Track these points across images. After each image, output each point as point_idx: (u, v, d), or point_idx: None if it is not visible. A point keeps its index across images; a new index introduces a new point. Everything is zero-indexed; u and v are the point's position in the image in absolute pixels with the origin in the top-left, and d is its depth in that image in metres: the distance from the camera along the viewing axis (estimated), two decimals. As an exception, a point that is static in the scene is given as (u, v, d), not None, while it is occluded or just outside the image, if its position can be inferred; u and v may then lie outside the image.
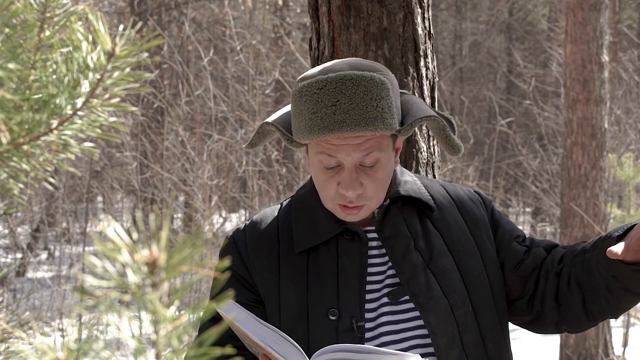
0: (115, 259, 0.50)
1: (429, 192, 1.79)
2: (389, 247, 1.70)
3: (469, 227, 1.78)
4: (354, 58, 1.72)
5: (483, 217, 1.81)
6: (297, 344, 1.51)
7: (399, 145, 1.74)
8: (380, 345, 1.63)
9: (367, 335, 1.64)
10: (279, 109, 1.82)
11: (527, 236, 1.85)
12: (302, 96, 1.63)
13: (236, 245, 1.76)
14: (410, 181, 1.79)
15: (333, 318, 1.64)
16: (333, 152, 1.63)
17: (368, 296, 1.68)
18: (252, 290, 1.73)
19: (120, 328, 0.50)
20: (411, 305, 1.67)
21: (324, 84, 1.60)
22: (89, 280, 0.51)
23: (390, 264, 1.71)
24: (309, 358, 1.52)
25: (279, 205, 1.82)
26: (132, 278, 0.49)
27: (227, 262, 1.60)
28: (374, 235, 1.74)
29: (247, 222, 1.80)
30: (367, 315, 1.66)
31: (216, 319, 1.70)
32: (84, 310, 0.50)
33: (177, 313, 0.53)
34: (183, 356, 0.53)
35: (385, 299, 1.67)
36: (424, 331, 1.66)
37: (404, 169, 1.85)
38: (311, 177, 1.79)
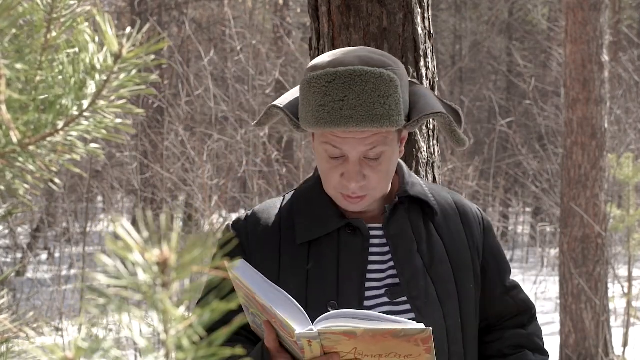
0: (126, 258, 0.50)
1: (434, 197, 1.79)
2: (394, 245, 1.71)
3: (467, 239, 1.79)
4: (366, 49, 1.72)
5: (480, 236, 1.81)
6: (303, 310, 1.51)
7: (405, 135, 1.75)
8: None
9: None
10: (288, 91, 1.82)
11: (512, 284, 1.85)
12: (310, 87, 1.63)
13: (237, 236, 1.74)
14: (417, 183, 1.79)
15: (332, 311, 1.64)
16: (338, 144, 1.63)
17: (367, 293, 1.68)
18: None
19: (130, 327, 0.51)
20: (408, 306, 1.68)
21: (333, 77, 1.60)
22: (100, 279, 0.51)
23: (391, 263, 1.71)
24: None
25: (282, 198, 1.82)
26: (143, 277, 0.50)
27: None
28: (379, 232, 1.73)
29: (249, 213, 1.78)
30: None
31: (224, 321, 1.71)
32: (94, 309, 0.50)
33: (187, 313, 0.53)
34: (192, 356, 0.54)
35: (384, 299, 1.68)
36: None
37: (411, 172, 1.85)
38: (315, 170, 1.79)
